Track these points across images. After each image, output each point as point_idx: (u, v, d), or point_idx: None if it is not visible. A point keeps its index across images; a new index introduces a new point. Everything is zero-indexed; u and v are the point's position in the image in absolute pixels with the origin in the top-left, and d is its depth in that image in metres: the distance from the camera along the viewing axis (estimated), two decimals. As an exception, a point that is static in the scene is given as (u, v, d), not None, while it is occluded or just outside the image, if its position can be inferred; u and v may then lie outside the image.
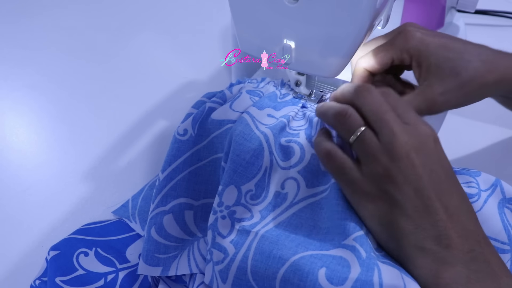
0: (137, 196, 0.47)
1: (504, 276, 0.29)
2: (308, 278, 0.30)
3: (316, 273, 0.30)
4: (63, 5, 0.78)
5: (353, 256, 0.30)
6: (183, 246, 0.40)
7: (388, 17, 0.39)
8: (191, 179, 0.41)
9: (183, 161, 0.41)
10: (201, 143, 0.42)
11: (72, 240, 0.42)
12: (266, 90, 0.42)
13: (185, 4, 0.79)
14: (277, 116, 0.39)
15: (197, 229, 0.41)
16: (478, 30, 0.68)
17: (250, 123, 0.38)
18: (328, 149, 0.34)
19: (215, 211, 0.37)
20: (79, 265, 0.40)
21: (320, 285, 0.29)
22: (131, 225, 0.44)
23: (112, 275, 0.40)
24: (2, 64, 0.67)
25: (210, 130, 0.41)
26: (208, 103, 0.42)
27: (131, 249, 0.43)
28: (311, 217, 0.36)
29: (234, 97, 0.42)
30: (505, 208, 0.36)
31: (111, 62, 0.67)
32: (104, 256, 0.42)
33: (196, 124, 0.41)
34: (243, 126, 0.38)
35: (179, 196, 0.41)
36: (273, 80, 0.44)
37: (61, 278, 0.39)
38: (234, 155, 0.37)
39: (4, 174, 0.51)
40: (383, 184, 0.31)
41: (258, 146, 0.37)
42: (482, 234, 0.31)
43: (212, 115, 0.41)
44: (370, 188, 0.32)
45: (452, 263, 0.30)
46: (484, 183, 0.37)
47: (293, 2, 0.33)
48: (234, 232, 0.36)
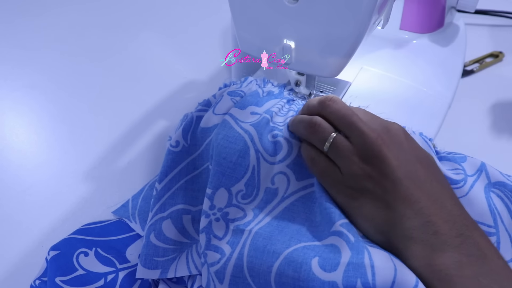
0: (137, 196, 0.47)
1: (495, 258, 0.30)
2: (302, 268, 0.30)
3: (310, 263, 0.30)
4: (63, 5, 0.78)
5: (342, 241, 0.31)
6: (181, 249, 0.40)
7: (388, 17, 0.39)
8: (188, 187, 0.42)
9: (179, 171, 0.41)
10: (195, 153, 0.42)
11: (72, 240, 0.42)
12: (248, 89, 0.43)
13: (185, 4, 0.79)
14: (260, 112, 0.39)
15: (195, 232, 0.41)
16: (478, 30, 0.68)
17: (233, 124, 0.38)
18: (312, 155, 0.36)
19: (208, 214, 0.37)
20: (79, 265, 0.40)
21: (314, 274, 0.30)
22: (131, 225, 0.44)
23: (112, 275, 0.40)
24: (2, 64, 0.67)
25: (202, 139, 0.42)
26: (194, 113, 0.43)
27: (131, 249, 0.43)
28: (303, 210, 0.37)
29: (216, 102, 0.42)
30: (491, 192, 0.37)
31: (111, 62, 0.67)
32: (104, 256, 0.41)
33: (187, 135, 0.42)
34: (226, 129, 0.38)
35: (177, 204, 0.41)
36: (256, 79, 0.44)
37: (61, 278, 0.39)
38: (220, 158, 0.37)
39: (4, 174, 0.51)
40: (362, 182, 0.33)
41: (243, 146, 0.37)
42: (469, 218, 0.32)
43: (200, 123, 0.42)
44: (351, 187, 0.33)
45: (442, 249, 0.30)
46: (470, 168, 0.38)
47: (293, 2, 0.33)
48: (230, 233, 0.36)
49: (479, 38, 0.65)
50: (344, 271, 0.29)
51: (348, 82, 0.47)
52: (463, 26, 0.58)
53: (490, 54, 0.62)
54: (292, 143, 0.38)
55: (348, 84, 0.47)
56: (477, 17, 0.70)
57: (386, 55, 0.52)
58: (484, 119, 0.55)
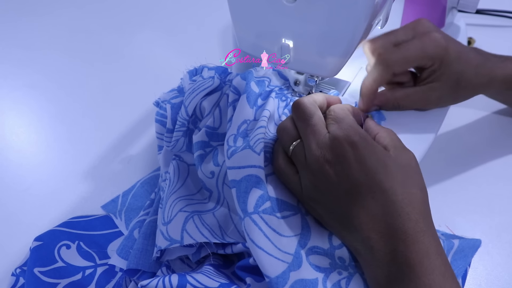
0: (128, 192, 0.47)
1: (425, 275, 0.29)
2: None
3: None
4: (63, 5, 0.78)
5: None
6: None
7: (387, 17, 0.39)
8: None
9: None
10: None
11: (57, 232, 0.42)
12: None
13: (184, 4, 0.79)
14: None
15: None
16: (478, 30, 0.68)
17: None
18: (279, 163, 0.36)
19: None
20: (59, 257, 0.41)
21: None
22: (116, 221, 0.45)
23: (90, 270, 0.41)
24: (2, 64, 0.67)
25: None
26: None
27: (113, 245, 0.43)
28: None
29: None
30: None
31: (111, 62, 0.67)
32: (85, 250, 0.42)
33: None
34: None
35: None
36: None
37: (40, 269, 0.39)
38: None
39: (4, 174, 0.51)
40: (312, 194, 0.34)
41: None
42: (416, 228, 0.30)
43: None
44: (307, 199, 0.35)
45: (376, 265, 0.31)
46: None
47: (291, 2, 0.33)
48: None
49: (479, 38, 0.65)
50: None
51: (348, 82, 0.47)
52: (463, 26, 0.57)
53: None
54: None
55: (347, 84, 0.47)
56: (478, 17, 0.70)
57: (386, 55, 0.52)
58: (484, 119, 0.55)
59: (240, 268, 0.35)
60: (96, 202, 0.47)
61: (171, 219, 0.38)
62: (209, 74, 0.44)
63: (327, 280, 0.33)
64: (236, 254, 0.38)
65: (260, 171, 0.35)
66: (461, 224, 0.44)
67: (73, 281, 0.39)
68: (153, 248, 0.39)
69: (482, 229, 0.44)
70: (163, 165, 0.45)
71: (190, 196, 0.41)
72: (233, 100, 0.41)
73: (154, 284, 0.33)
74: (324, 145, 0.33)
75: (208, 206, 0.40)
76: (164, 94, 0.47)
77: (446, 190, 0.47)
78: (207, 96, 0.42)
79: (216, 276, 0.34)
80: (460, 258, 0.40)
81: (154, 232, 0.40)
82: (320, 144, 0.33)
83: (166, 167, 0.45)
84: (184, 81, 0.46)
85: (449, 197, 0.46)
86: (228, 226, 0.39)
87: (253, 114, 0.39)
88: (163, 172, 0.45)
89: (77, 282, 0.39)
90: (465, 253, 0.40)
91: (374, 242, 0.31)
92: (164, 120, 0.44)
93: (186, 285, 0.33)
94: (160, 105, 0.45)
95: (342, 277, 0.34)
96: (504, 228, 0.44)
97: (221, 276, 0.35)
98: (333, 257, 0.34)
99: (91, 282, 0.40)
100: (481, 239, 0.43)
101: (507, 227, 0.44)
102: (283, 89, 0.44)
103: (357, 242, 0.32)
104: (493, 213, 0.45)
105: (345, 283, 0.34)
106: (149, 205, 0.43)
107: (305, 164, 0.33)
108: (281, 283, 0.31)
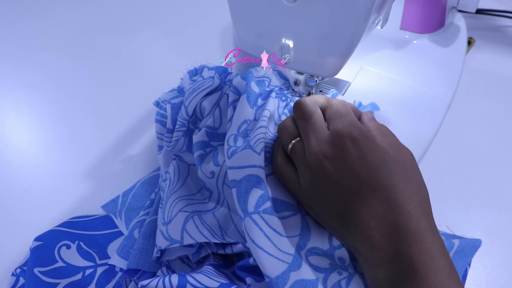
0: (128, 192, 0.47)
1: (429, 276, 0.28)
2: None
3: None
4: (63, 5, 0.78)
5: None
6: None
7: (387, 16, 0.39)
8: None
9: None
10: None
11: (57, 232, 0.42)
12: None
13: (184, 4, 0.79)
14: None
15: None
16: (478, 30, 0.68)
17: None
18: (278, 161, 0.36)
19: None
20: (59, 257, 0.41)
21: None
22: (116, 221, 0.45)
23: (90, 270, 0.41)
24: (2, 64, 0.67)
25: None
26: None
27: (113, 245, 0.43)
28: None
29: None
30: None
31: (111, 62, 0.67)
32: (85, 250, 0.42)
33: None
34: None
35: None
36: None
37: (40, 269, 0.39)
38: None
39: (4, 174, 0.51)
40: (311, 192, 0.33)
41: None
42: (420, 226, 0.30)
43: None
44: (306, 198, 0.34)
45: (377, 264, 0.30)
46: None
47: (291, 1, 0.33)
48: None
49: (479, 38, 0.65)
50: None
51: (348, 82, 0.47)
52: (464, 26, 0.57)
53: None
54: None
55: (347, 84, 0.47)
56: (478, 17, 0.70)
57: (386, 55, 0.52)
58: (484, 119, 0.55)
59: (240, 268, 0.35)
60: (96, 202, 0.47)
61: (171, 219, 0.38)
62: (209, 74, 0.44)
63: (327, 280, 0.33)
64: (236, 254, 0.38)
65: (261, 171, 0.35)
66: (461, 224, 0.44)
67: (73, 281, 0.39)
68: (153, 248, 0.39)
69: (482, 229, 0.44)
70: (163, 165, 0.45)
71: (190, 196, 0.41)
72: (233, 100, 0.41)
73: (154, 284, 0.33)
74: (323, 141, 0.33)
75: (208, 206, 0.40)
76: (164, 94, 0.47)
77: (446, 190, 0.47)
78: (207, 96, 0.42)
79: (216, 276, 0.34)
80: (460, 258, 0.40)
81: (154, 232, 0.40)
82: (319, 141, 0.33)
83: (166, 167, 0.45)
84: (184, 81, 0.46)
85: (449, 197, 0.46)
86: (228, 226, 0.39)
87: (253, 114, 0.39)
88: (163, 172, 0.45)
89: (77, 282, 0.39)
90: (465, 253, 0.40)
91: (375, 241, 0.30)
92: (164, 120, 0.44)
93: (186, 285, 0.33)
94: (160, 105, 0.45)
95: (342, 277, 0.34)
96: (504, 228, 0.44)
97: (221, 276, 0.35)
98: (333, 257, 0.34)
99: (91, 282, 0.40)
100: (481, 239, 0.43)
101: (507, 227, 0.44)
102: (283, 89, 0.44)
103: (357, 241, 0.31)
104: (493, 213, 0.45)
105: (345, 283, 0.34)
106: (149, 205, 0.44)
107: (304, 162, 0.33)
108: (281, 283, 0.31)
